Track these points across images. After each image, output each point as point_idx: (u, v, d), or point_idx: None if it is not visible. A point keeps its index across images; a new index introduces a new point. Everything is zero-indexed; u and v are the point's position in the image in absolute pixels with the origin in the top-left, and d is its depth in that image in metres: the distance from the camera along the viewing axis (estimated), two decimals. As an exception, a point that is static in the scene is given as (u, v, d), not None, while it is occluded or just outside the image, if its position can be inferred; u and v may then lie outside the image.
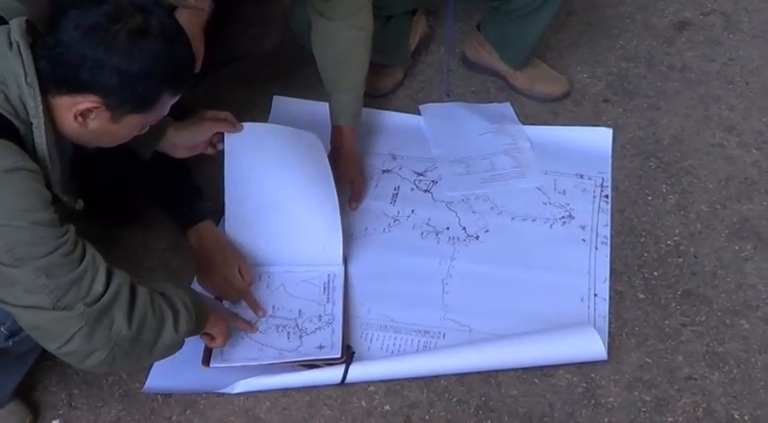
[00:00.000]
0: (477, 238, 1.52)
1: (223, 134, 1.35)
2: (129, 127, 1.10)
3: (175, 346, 1.14)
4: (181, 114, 1.30)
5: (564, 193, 1.60)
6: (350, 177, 1.55)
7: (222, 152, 1.37)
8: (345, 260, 1.46)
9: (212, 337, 1.27)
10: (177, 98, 1.12)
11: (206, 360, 1.31)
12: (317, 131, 1.45)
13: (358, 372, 1.32)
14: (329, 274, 1.44)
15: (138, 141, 1.18)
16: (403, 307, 1.42)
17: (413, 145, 1.67)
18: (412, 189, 1.61)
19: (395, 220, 1.55)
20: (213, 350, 1.32)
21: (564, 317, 1.38)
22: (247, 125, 1.37)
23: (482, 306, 1.42)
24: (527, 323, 1.38)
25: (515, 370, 1.32)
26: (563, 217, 1.56)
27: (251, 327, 1.34)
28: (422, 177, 1.63)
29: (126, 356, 1.08)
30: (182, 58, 1.08)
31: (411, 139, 1.69)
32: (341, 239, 1.43)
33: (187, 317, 1.14)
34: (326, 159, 1.43)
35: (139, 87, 1.05)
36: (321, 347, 1.33)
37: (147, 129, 1.14)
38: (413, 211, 1.57)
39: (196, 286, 1.37)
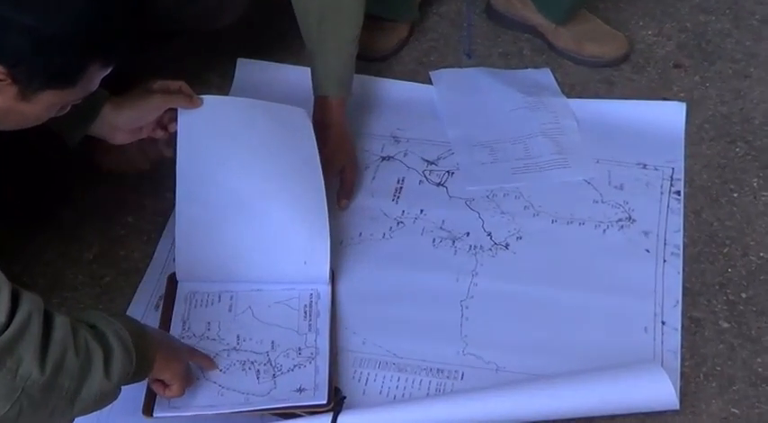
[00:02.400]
0: (506, 246, 1.52)
1: (176, 111, 1.36)
2: (44, 106, 1.09)
3: (107, 397, 1.11)
4: (120, 86, 1.30)
5: (621, 187, 1.60)
6: (338, 166, 1.55)
7: (175, 135, 1.37)
8: (333, 276, 1.46)
9: (165, 385, 1.25)
10: (108, 70, 1.11)
11: (147, 408, 1.30)
12: (295, 104, 1.46)
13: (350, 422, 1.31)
14: (311, 294, 1.44)
15: (61, 123, 1.17)
16: (409, 337, 1.41)
17: (422, 124, 1.68)
18: (421, 182, 1.62)
19: (398, 223, 1.56)
20: (158, 395, 1.30)
21: (621, 352, 1.38)
22: (208, 99, 1.37)
23: (512, 337, 1.41)
24: (572, 360, 1.37)
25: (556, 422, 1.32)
26: (620, 220, 1.56)
27: (213, 364, 1.34)
28: (434, 167, 1.64)
29: (37, 410, 1.03)
30: (113, 17, 1.07)
31: (419, 115, 1.70)
32: (328, 248, 1.43)
33: (124, 357, 1.11)
34: (314, 143, 1.43)
35: (57, 56, 1.04)
36: (301, 391, 1.33)
37: (68, 108, 1.13)
38: (422, 210, 1.57)
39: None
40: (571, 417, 1.32)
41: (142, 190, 1.56)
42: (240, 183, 1.39)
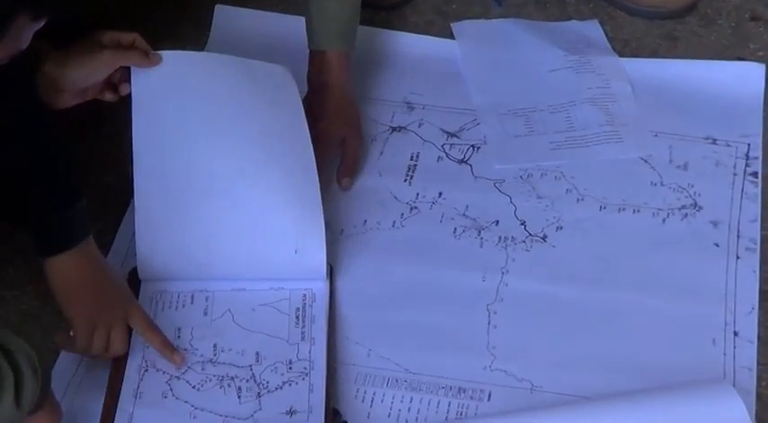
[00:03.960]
0: (543, 238, 1.52)
1: (129, 70, 1.35)
2: None
3: None
4: (64, 38, 1.30)
5: (685, 167, 1.60)
6: (339, 137, 1.55)
7: (129, 98, 1.36)
8: (331, 272, 1.46)
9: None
10: (41, 24, 1.11)
11: None
12: (287, 61, 1.45)
13: None
14: (305, 295, 1.44)
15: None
16: (423, 349, 1.41)
17: (441, 87, 1.68)
18: (440, 158, 1.62)
19: (411, 209, 1.55)
20: (116, 416, 1.31)
21: (684, 369, 1.38)
22: (168, 55, 1.37)
23: (550, 350, 1.41)
24: (623, 379, 1.37)
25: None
26: (683, 206, 1.56)
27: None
28: (455, 140, 1.64)
29: None
30: None
31: (438, 77, 1.70)
32: (322, 232, 1.43)
33: (33, 384, 1.13)
34: (301, 108, 1.43)
35: None
36: (292, 413, 1.32)
37: None
38: (440, 194, 1.57)
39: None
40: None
41: (98, 165, 1.55)
42: (211, 157, 1.40)
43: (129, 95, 1.36)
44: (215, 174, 1.40)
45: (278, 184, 1.42)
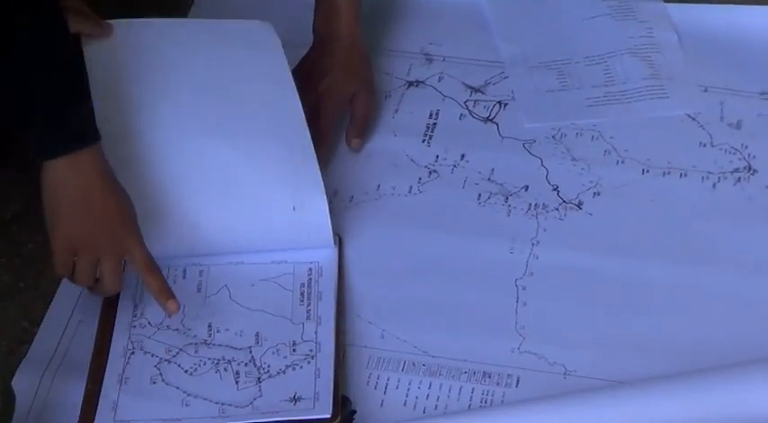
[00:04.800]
0: (578, 205, 1.52)
1: (79, 39, 1.37)
2: None
3: None
4: None
5: (738, 126, 1.59)
6: (348, 93, 1.56)
7: None
8: (340, 244, 1.46)
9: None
10: None
11: (86, 422, 1.30)
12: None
13: None
14: (311, 269, 1.44)
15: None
16: (444, 329, 1.40)
17: (464, 37, 1.69)
18: (462, 116, 1.62)
19: (430, 173, 1.55)
20: (99, 403, 1.31)
21: (738, 350, 1.36)
22: (122, 24, 1.41)
23: (586, 330, 1.39)
24: (669, 361, 1.36)
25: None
26: (736, 170, 1.55)
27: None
28: (480, 96, 1.64)
29: None
30: None
31: (460, 25, 1.71)
32: (323, 192, 1.43)
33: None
34: (286, 65, 1.46)
35: None
36: (296, 400, 1.32)
37: None
38: (463, 156, 1.57)
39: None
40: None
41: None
42: (187, 127, 1.42)
43: None
44: (193, 144, 1.42)
45: (265, 143, 1.44)
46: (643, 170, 1.54)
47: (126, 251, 1.35)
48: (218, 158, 1.42)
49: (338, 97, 1.53)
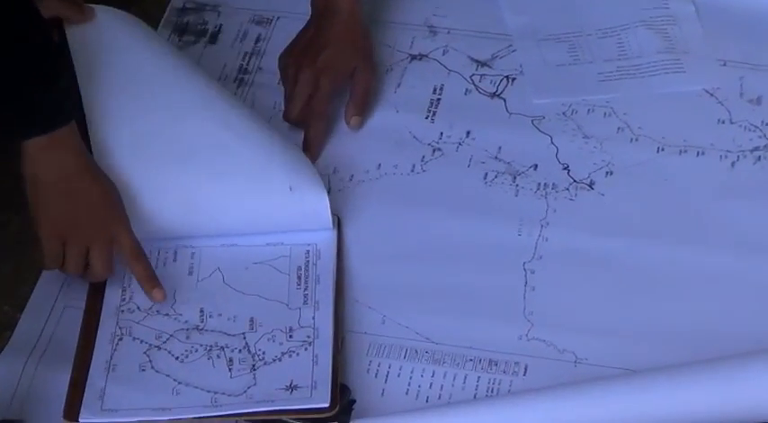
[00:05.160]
0: (590, 185, 1.51)
1: (62, 23, 1.41)
2: None
3: None
4: None
5: (758, 102, 1.59)
6: (347, 68, 1.56)
7: None
8: (339, 225, 1.46)
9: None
10: None
11: (71, 411, 1.29)
12: None
13: None
14: (308, 252, 1.44)
15: None
16: (448, 314, 1.40)
17: (470, 7, 1.68)
18: (468, 91, 1.61)
19: (434, 151, 1.55)
20: (86, 392, 1.31)
21: (757, 338, 1.36)
22: (102, 10, 1.44)
23: (598, 316, 1.39)
24: (684, 349, 1.35)
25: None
26: (756, 148, 1.54)
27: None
28: (486, 70, 1.63)
29: None
30: None
31: None
32: (317, 174, 1.44)
33: None
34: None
35: None
36: (293, 389, 1.31)
37: None
38: (468, 133, 1.57)
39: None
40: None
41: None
42: (175, 107, 1.44)
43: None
44: (182, 122, 1.43)
45: (258, 121, 1.47)
46: (658, 148, 1.54)
47: (115, 238, 1.36)
48: (209, 137, 1.42)
49: (337, 73, 1.53)
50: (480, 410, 1.31)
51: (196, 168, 1.42)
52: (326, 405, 1.28)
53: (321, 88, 1.53)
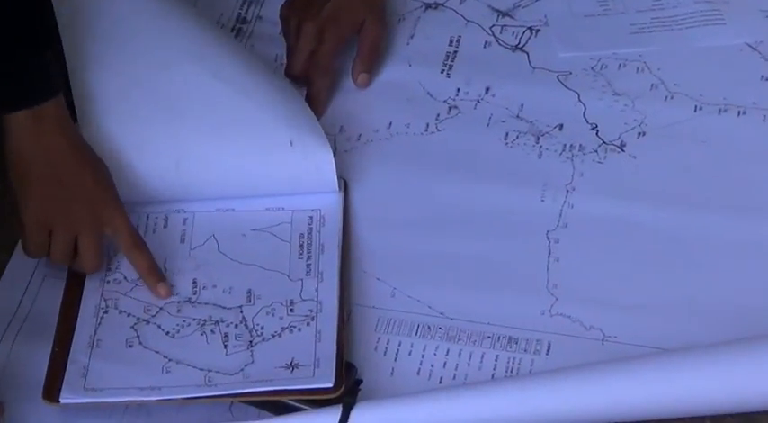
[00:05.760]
0: (620, 147, 1.51)
1: None
2: None
3: None
4: None
5: None
6: (355, 20, 1.57)
7: None
8: (346, 189, 1.47)
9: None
10: None
11: (51, 391, 1.29)
12: None
13: (370, 421, 1.27)
14: (311, 217, 1.44)
15: None
16: (464, 287, 1.40)
17: None
18: (487, 44, 1.62)
19: (450, 109, 1.56)
20: (67, 370, 1.30)
21: None
22: None
23: (627, 290, 1.39)
24: (722, 327, 1.35)
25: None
26: None
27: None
28: (508, 20, 1.64)
29: None
30: None
31: None
32: (324, 138, 1.43)
33: None
34: None
35: None
36: (293, 367, 1.30)
37: None
38: (488, 89, 1.57)
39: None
40: (716, 413, 1.30)
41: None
42: (163, 56, 1.44)
43: None
44: (171, 71, 1.44)
45: (252, 70, 1.47)
46: (695, 107, 1.54)
47: (106, 224, 1.35)
48: (200, 88, 1.43)
49: (343, 24, 1.53)
50: (498, 392, 1.29)
51: (186, 122, 1.42)
52: (330, 385, 1.27)
53: (325, 42, 1.53)
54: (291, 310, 1.35)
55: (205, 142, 1.42)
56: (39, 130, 1.32)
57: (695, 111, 1.54)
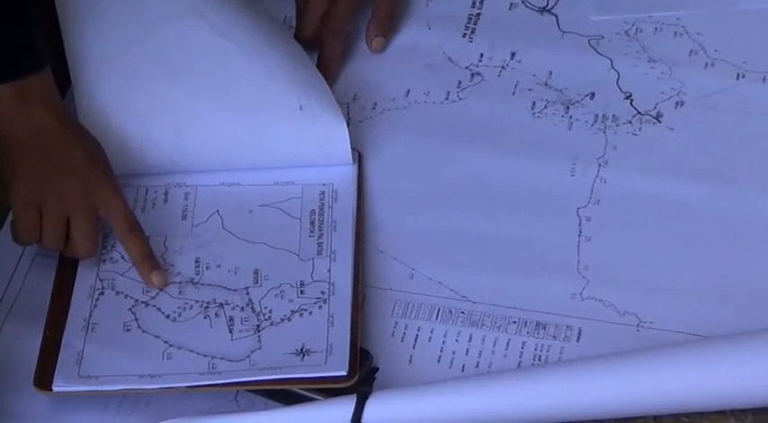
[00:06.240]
0: (656, 117, 1.51)
1: None
2: None
3: None
4: None
5: None
6: None
7: None
8: (360, 162, 1.47)
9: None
10: None
11: (43, 378, 1.28)
12: None
13: (386, 414, 1.27)
14: (323, 192, 1.44)
15: None
16: (488, 269, 1.39)
17: None
18: (513, 5, 1.62)
19: (473, 76, 1.56)
20: (60, 355, 1.30)
21: None
22: None
23: (665, 271, 1.38)
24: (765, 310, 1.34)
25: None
26: None
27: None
28: None
29: None
30: None
31: None
32: (335, 104, 1.43)
33: None
34: None
35: None
36: (304, 354, 1.30)
37: None
38: (513, 55, 1.57)
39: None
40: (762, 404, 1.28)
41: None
42: (159, 13, 1.45)
43: None
44: (169, 28, 1.45)
45: (257, 28, 1.47)
46: (737, 75, 1.53)
47: (100, 206, 1.34)
48: (201, 46, 1.43)
49: None
50: (525, 381, 1.29)
51: (187, 83, 1.42)
52: (344, 373, 1.27)
53: (339, 3, 1.53)
54: (302, 291, 1.35)
55: (208, 106, 1.42)
56: (24, 105, 1.32)
57: (737, 79, 1.53)
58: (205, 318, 1.33)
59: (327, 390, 1.27)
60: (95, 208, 1.34)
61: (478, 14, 1.59)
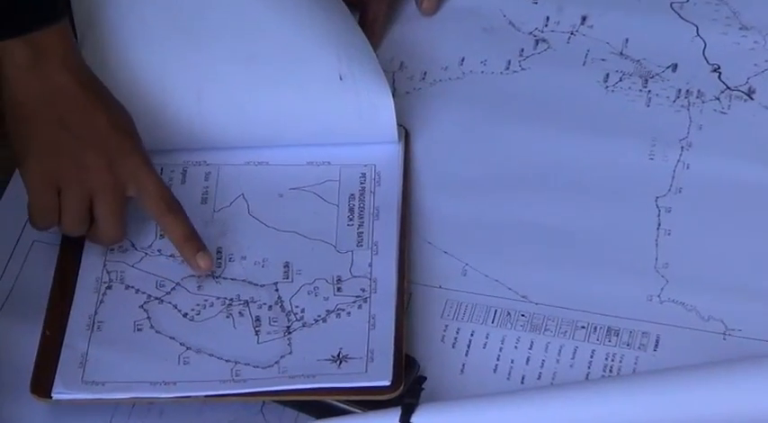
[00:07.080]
0: (748, 94, 1.51)
1: None
2: None
3: None
4: None
5: None
6: None
7: None
8: (407, 140, 1.47)
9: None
10: None
11: (41, 383, 1.28)
12: None
13: None
14: (364, 174, 1.44)
15: None
16: (552, 266, 1.39)
17: None
18: None
19: (537, 43, 1.56)
20: (61, 357, 1.29)
21: None
22: None
23: (755, 270, 1.38)
24: None
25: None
26: None
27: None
28: None
29: None
30: None
31: None
32: (381, 74, 1.43)
33: None
34: None
35: None
36: (341, 360, 1.29)
37: None
38: (584, 19, 1.58)
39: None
40: None
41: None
42: None
43: None
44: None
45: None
46: None
47: (128, 181, 1.33)
48: (226, 4, 1.43)
49: None
50: (594, 395, 1.27)
51: (209, 46, 1.43)
52: (387, 383, 1.26)
53: None
54: (339, 289, 1.35)
55: (233, 72, 1.42)
56: (38, 65, 1.30)
57: None
58: (228, 317, 1.33)
59: (367, 402, 1.26)
60: (123, 185, 1.33)
61: (545, -25, 1.59)
